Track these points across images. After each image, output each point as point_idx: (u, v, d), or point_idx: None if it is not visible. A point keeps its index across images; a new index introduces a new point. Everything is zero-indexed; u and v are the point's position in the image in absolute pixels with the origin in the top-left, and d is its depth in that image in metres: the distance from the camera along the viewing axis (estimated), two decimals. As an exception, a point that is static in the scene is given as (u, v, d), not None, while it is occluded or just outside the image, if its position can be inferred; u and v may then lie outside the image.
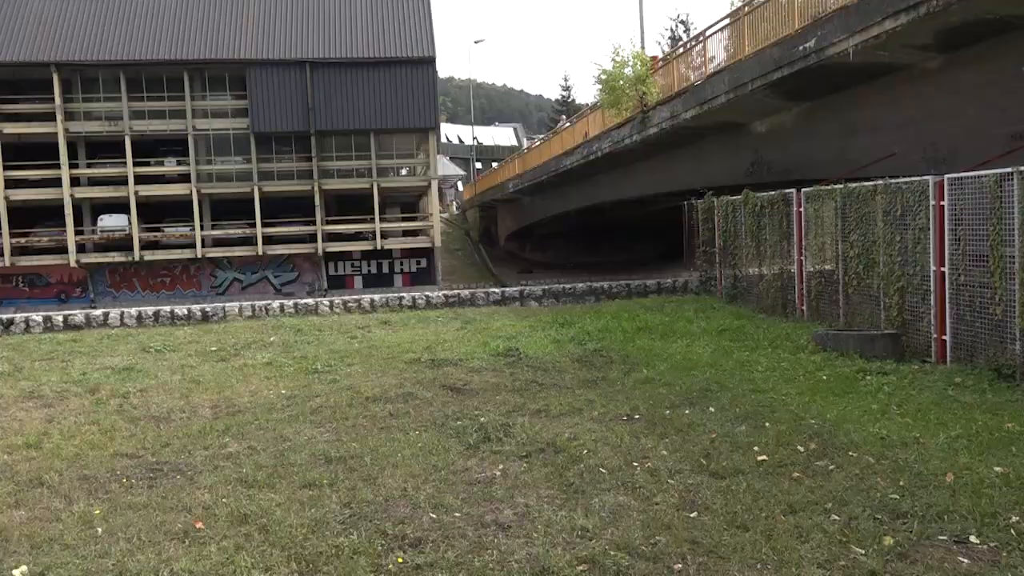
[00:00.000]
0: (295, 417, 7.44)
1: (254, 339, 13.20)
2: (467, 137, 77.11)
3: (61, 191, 35.22)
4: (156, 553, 4.29)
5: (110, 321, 16.58)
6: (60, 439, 6.94)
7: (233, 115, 36.62)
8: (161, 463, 6.07)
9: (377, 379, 9.18)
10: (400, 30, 38.00)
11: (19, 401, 8.81)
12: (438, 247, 38.93)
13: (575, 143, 27.48)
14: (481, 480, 5.40)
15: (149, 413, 7.90)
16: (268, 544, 4.37)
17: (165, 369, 10.58)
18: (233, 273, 37.85)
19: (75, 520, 4.86)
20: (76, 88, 35.89)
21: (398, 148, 39.25)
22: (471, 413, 7.24)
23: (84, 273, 36.54)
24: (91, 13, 36.51)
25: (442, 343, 11.84)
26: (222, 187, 36.74)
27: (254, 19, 37.13)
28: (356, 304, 17.62)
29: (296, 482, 5.44)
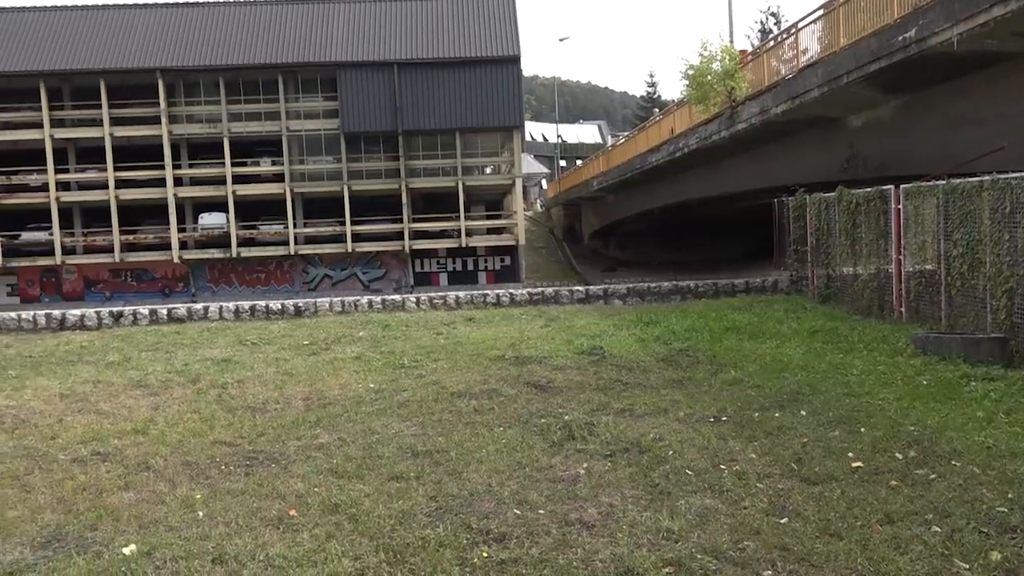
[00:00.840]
0: (383, 411, 7.61)
1: (344, 334, 13.56)
2: (551, 135, 77.08)
3: (165, 191, 37.02)
4: (252, 538, 4.46)
5: (210, 315, 17.32)
6: (164, 426, 7.30)
7: (324, 116, 37.70)
8: (257, 452, 6.30)
9: (462, 375, 9.29)
10: (485, 30, 38.31)
11: (128, 389, 9.32)
12: (522, 245, 39.09)
13: (661, 140, 27.10)
14: (565, 478, 5.40)
15: (246, 403, 8.22)
16: (357, 533, 4.49)
17: (260, 361, 10.99)
18: (324, 270, 38.97)
19: (178, 503, 5.10)
20: (179, 92, 37.63)
21: (483, 147, 39.60)
22: (555, 411, 7.25)
23: (186, 269, 38.30)
24: (193, 22, 38.20)
25: (526, 340, 11.88)
26: (314, 186, 37.89)
27: (344, 23, 38.09)
28: (441, 301, 17.88)
29: (384, 474, 5.57)
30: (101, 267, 38.12)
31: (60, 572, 4.05)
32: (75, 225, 37.98)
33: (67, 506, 5.11)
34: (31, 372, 10.87)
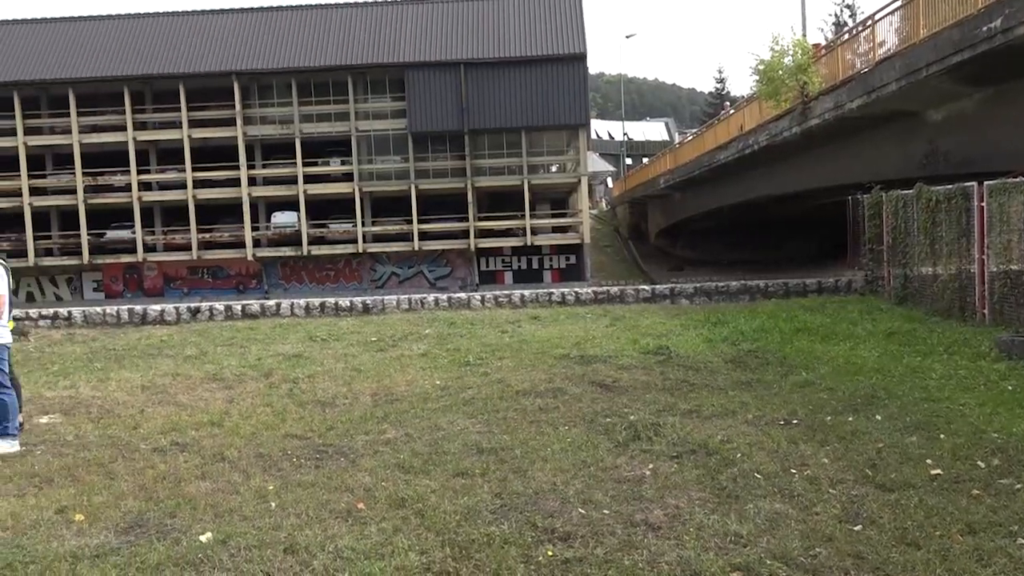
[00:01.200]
0: (449, 407, 7.68)
1: (410, 331, 13.76)
2: (617, 133, 76.52)
3: (240, 190, 38.19)
4: (322, 529, 4.56)
5: (281, 311, 17.79)
6: (239, 418, 7.52)
7: (392, 116, 38.29)
8: (326, 445, 6.44)
9: (527, 373, 9.31)
10: (551, 28, 38.28)
11: (204, 382, 9.65)
12: (587, 243, 38.96)
13: (730, 137, 26.63)
14: (630, 479, 5.35)
15: (316, 398, 8.41)
16: (424, 528, 4.54)
17: (330, 357, 11.23)
18: (391, 267, 39.58)
19: (252, 494, 5.25)
20: (253, 95, 38.76)
21: (549, 145, 39.60)
22: (620, 411, 7.20)
23: (259, 266, 39.42)
24: (267, 27, 39.28)
25: (591, 339, 11.84)
26: (382, 185, 38.52)
27: (412, 24, 38.58)
28: (507, 299, 17.97)
29: (450, 470, 5.62)
30: (180, 264, 39.57)
31: (142, 557, 4.21)
32: (156, 224, 39.52)
33: (148, 493, 5.31)
34: (115, 365, 11.36)
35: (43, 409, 8.26)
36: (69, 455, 6.38)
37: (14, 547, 4.39)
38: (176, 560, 4.16)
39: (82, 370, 10.92)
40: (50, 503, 5.17)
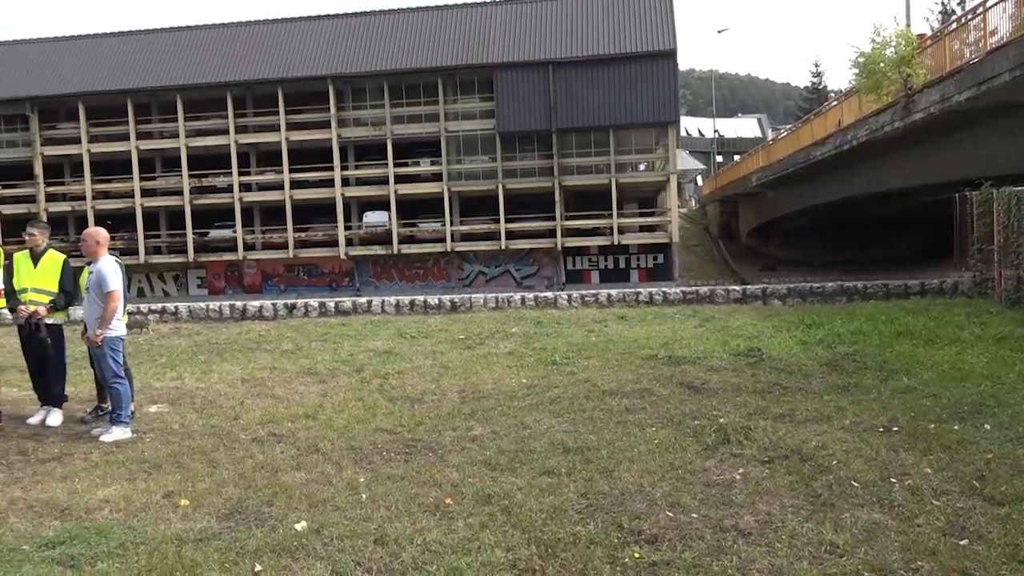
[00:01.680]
0: (535, 406, 7.70)
1: (497, 329, 13.85)
2: (708, 130, 75.01)
3: (334, 191, 39.34)
4: (411, 523, 4.65)
5: (372, 308, 18.21)
6: (332, 412, 7.75)
7: (481, 116, 38.65)
8: (415, 440, 6.56)
9: (614, 373, 9.24)
10: (640, 25, 37.85)
11: (299, 376, 9.98)
12: (676, 243, 38.37)
13: (826, 132, 25.72)
14: (720, 483, 5.25)
15: (405, 394, 8.58)
16: (510, 525, 4.57)
17: (419, 354, 11.43)
18: (478, 266, 39.98)
19: (344, 485, 5.40)
20: (347, 98, 39.84)
21: (637, 143, 39.18)
22: (709, 413, 7.06)
23: (351, 264, 40.50)
24: (360, 31, 40.31)
25: (679, 340, 11.65)
26: (470, 185, 38.95)
27: (501, 25, 38.84)
28: (593, 299, 17.87)
29: (536, 468, 5.64)
30: (277, 262, 41.07)
31: (241, 542, 4.40)
32: (255, 223, 41.13)
33: (247, 482, 5.54)
34: (217, 358, 11.88)
35: (152, 399, 8.72)
36: (175, 443, 6.72)
37: (126, 528, 4.66)
38: (273, 547, 4.33)
39: (187, 362, 11.47)
40: (158, 488, 5.46)
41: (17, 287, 7.58)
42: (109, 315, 7.08)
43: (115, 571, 4.05)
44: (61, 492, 5.42)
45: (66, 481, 5.70)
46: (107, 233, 7.57)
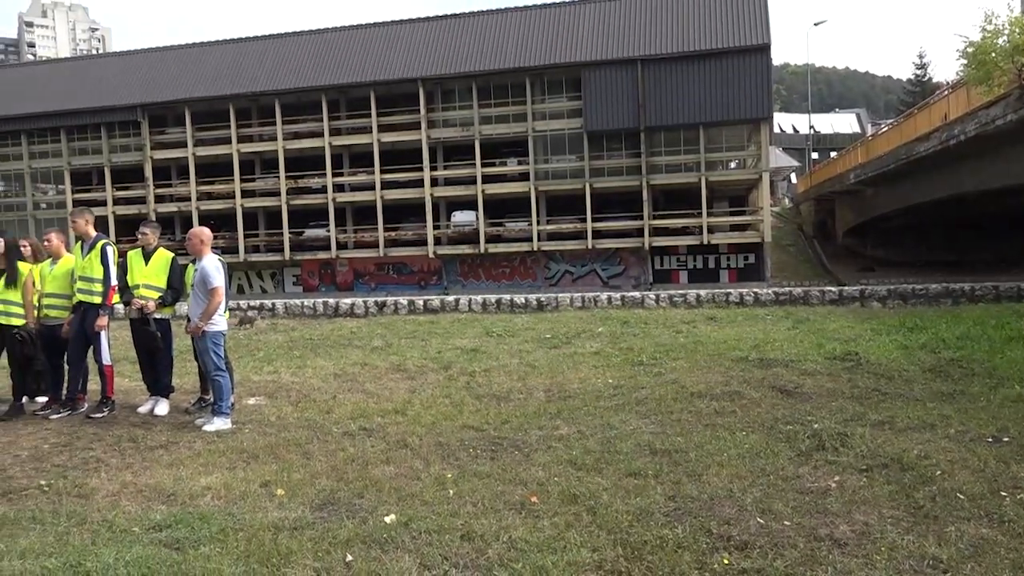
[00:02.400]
0: (621, 407, 7.64)
1: (583, 329, 13.81)
2: (802, 126, 72.67)
3: (423, 191, 40.03)
4: (497, 519, 4.69)
5: (460, 307, 18.46)
6: (420, 408, 7.89)
7: (568, 116, 38.57)
8: (501, 438, 6.61)
9: (702, 375, 9.08)
10: (732, 19, 36.99)
11: (389, 372, 10.21)
12: (768, 242, 37.34)
13: (931, 126, 24.51)
14: (814, 490, 5.07)
15: (491, 391, 8.66)
16: (595, 526, 4.55)
17: (505, 352, 11.51)
18: (564, 265, 39.92)
19: (431, 481, 5.49)
20: (437, 99, 40.45)
21: (728, 141, 38.33)
22: (803, 418, 6.84)
23: (439, 263, 41.11)
24: (450, 33, 40.85)
25: (771, 342, 11.34)
26: (556, 184, 38.93)
27: (589, 23, 38.65)
28: (681, 299, 17.59)
29: (622, 470, 5.59)
30: (368, 261, 42.10)
31: (334, 532, 4.53)
32: (347, 223, 42.27)
33: (339, 474, 5.70)
34: (311, 353, 12.27)
35: (251, 391, 9.09)
36: (272, 434, 6.98)
37: (226, 515, 4.87)
38: (363, 538, 4.44)
39: (283, 357, 11.89)
40: (256, 477, 5.68)
41: (130, 283, 8.04)
42: (211, 310, 7.41)
43: (216, 555, 4.24)
44: (167, 478, 5.72)
45: (172, 468, 6.01)
46: (210, 232, 7.92)
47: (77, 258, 8.13)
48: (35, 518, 4.91)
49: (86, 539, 4.54)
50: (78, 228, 8.13)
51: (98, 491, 5.48)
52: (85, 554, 4.26)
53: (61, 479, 5.77)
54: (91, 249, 8.01)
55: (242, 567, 4.08)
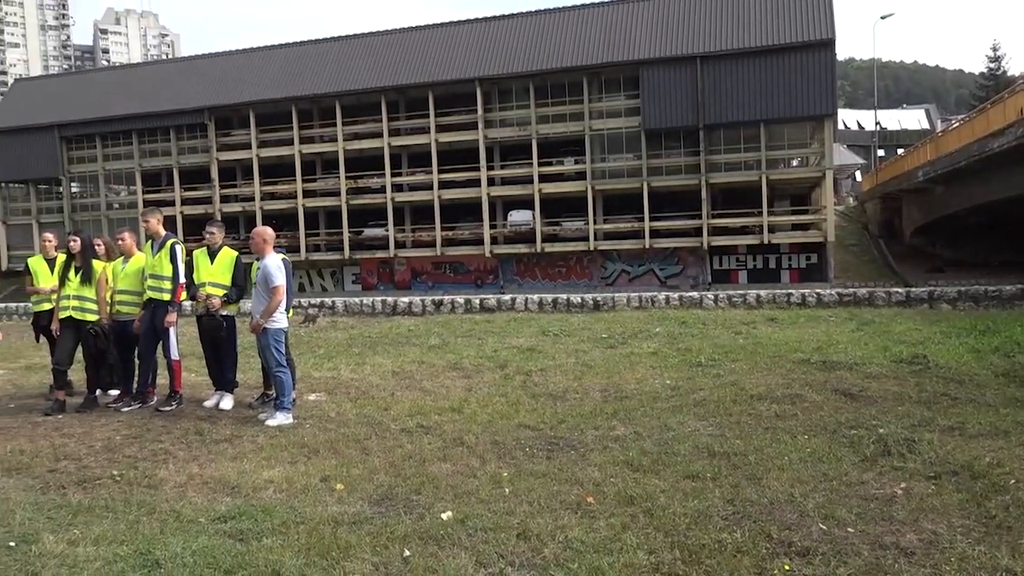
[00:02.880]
0: (679, 408, 7.56)
1: (640, 329, 13.69)
2: (868, 123, 70.73)
3: (480, 191, 40.24)
4: (553, 519, 4.68)
5: (516, 306, 18.48)
6: (476, 406, 7.94)
7: (626, 114, 38.31)
8: (557, 438, 6.60)
9: (762, 377, 8.91)
10: (795, 14, 36.21)
11: (446, 371, 10.29)
12: (831, 242, 36.46)
13: (1006, 122, 23.58)
14: (879, 497, 4.93)
15: (547, 391, 8.65)
16: (652, 528, 4.51)
17: (561, 352, 11.49)
18: (621, 265, 39.66)
19: (487, 479, 5.52)
20: (494, 99, 40.62)
21: (790, 138, 37.55)
22: (867, 422, 6.66)
23: (495, 262, 41.28)
24: (507, 33, 40.97)
25: (834, 344, 11.06)
26: (613, 183, 38.72)
27: (647, 21, 38.31)
28: (741, 299, 17.28)
29: (679, 472, 5.53)
30: (425, 260, 42.53)
31: (391, 527, 4.59)
32: (405, 222, 42.79)
33: (397, 470, 5.77)
34: (369, 351, 12.45)
35: (311, 387, 9.27)
36: (332, 430, 7.11)
37: (288, 508, 4.98)
38: (420, 534, 4.49)
39: (343, 354, 12.10)
40: (316, 471, 5.80)
41: (196, 281, 8.30)
42: (272, 307, 7.59)
43: (278, 547, 4.34)
44: (231, 471, 5.87)
45: (236, 461, 6.17)
46: (273, 232, 8.11)
47: (147, 256, 8.42)
48: (108, 507, 5.11)
49: (155, 528, 4.69)
50: (149, 227, 8.43)
51: (166, 482, 5.67)
52: (154, 543, 4.41)
53: (132, 470, 5.99)
54: (161, 248, 8.29)
55: (303, 559, 4.17)
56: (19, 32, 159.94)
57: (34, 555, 4.33)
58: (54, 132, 47.42)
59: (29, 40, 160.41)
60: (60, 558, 4.28)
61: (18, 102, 50.95)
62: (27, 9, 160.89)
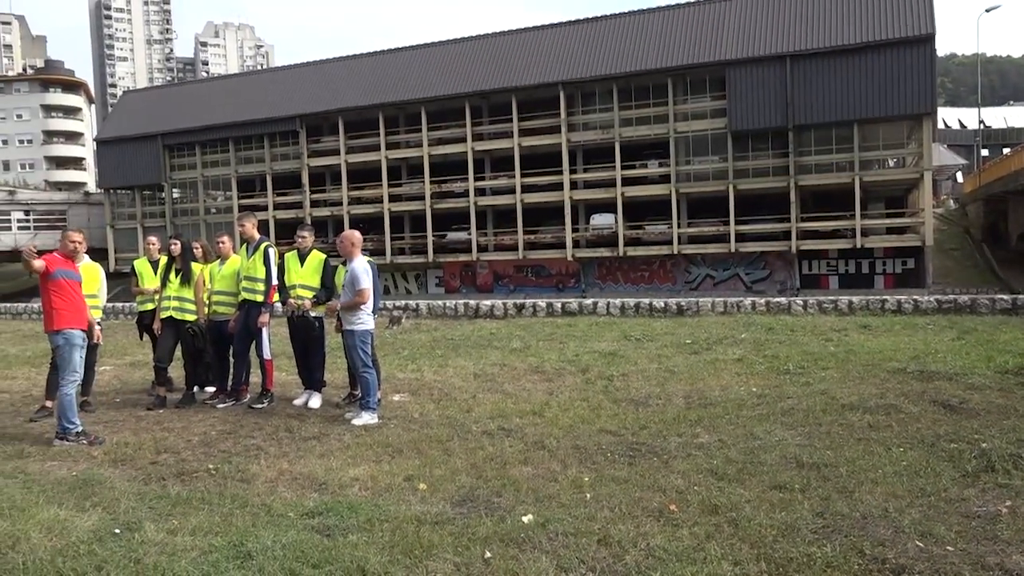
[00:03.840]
0: (765, 416, 7.36)
1: (725, 335, 13.40)
2: (970, 121, 67.34)
3: (562, 194, 40.23)
4: (635, 526, 4.63)
5: (598, 310, 18.38)
6: (558, 410, 7.93)
7: (712, 116, 37.63)
8: (639, 444, 6.53)
9: (854, 386, 8.58)
10: (891, 9, 34.81)
11: (527, 374, 10.32)
12: (929, 246, 34.83)
13: None
14: (981, 515, 4.68)
15: (629, 396, 8.57)
16: (737, 539, 4.41)
17: (643, 357, 11.36)
18: (706, 269, 38.94)
19: (568, 483, 5.50)
20: (577, 103, 40.56)
21: (885, 138, 36.09)
22: (969, 436, 6.33)
23: (577, 266, 41.17)
24: (589, 36, 40.87)
25: (933, 353, 10.56)
26: (698, 186, 38.05)
27: (735, 20, 37.53)
28: (832, 305, 16.70)
29: (766, 482, 5.38)
30: (507, 263, 42.78)
31: (473, 528, 4.64)
32: (488, 226, 43.16)
33: (478, 472, 5.82)
34: (452, 353, 12.60)
35: (395, 388, 9.45)
36: (415, 430, 7.23)
37: (372, 505, 5.09)
38: (502, 536, 4.51)
39: (426, 356, 12.29)
40: (400, 471, 5.91)
41: (288, 283, 8.59)
42: (354, 304, 7.77)
43: (363, 544, 4.44)
44: (319, 468, 6.05)
45: (323, 458, 6.35)
46: (360, 236, 8.32)
47: (242, 259, 8.77)
48: (204, 499, 5.34)
49: (247, 521, 4.88)
50: (244, 231, 8.77)
51: (258, 477, 5.88)
52: (246, 535, 4.58)
53: (226, 464, 6.24)
54: (255, 251, 8.62)
55: (387, 556, 4.25)
56: (127, 47, 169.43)
57: (137, 542, 4.56)
58: (158, 141, 49.97)
59: (136, 54, 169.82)
60: (160, 546, 4.49)
61: (125, 113, 53.92)
62: (135, 25, 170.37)
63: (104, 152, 53.42)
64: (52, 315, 7.16)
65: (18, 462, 6.54)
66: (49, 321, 7.20)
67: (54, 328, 7.16)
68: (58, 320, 7.14)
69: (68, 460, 6.57)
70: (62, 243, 7.46)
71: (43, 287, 7.21)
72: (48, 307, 7.19)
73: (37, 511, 5.09)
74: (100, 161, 55.77)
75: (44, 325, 7.34)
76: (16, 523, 4.87)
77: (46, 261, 7.13)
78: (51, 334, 7.21)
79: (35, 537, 4.64)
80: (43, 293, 7.22)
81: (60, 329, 7.14)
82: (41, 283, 7.25)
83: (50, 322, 7.19)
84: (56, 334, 7.16)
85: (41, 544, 4.55)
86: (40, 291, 7.32)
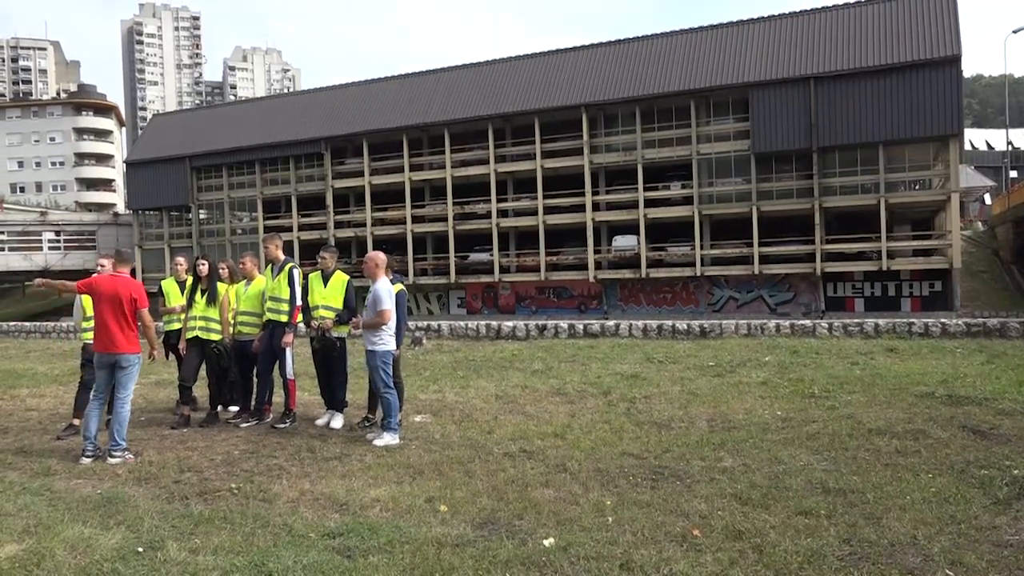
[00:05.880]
0: (790, 440, 7.27)
1: (749, 357, 13.28)
2: (998, 142, 66.62)
3: (584, 216, 40.25)
4: (657, 551, 4.58)
5: (620, 332, 18.29)
6: (579, 432, 7.89)
7: (735, 138, 37.55)
8: (662, 467, 6.47)
9: (881, 411, 8.46)
10: (917, 30, 34.64)
11: (549, 396, 10.28)
12: (957, 268, 34.36)
13: None
14: (1014, 544, 4.58)
15: (652, 419, 8.50)
16: (762, 565, 4.34)
17: (666, 379, 11.28)
18: (729, 291, 38.68)
19: (590, 506, 5.46)
20: (599, 125, 40.67)
21: (911, 160, 35.77)
22: (1000, 462, 6.21)
23: (599, 287, 41.06)
24: (613, 59, 41.06)
25: (962, 377, 10.39)
26: (721, 208, 37.90)
27: (758, 42, 37.54)
28: (858, 328, 16.50)
29: (791, 507, 5.31)
30: (529, 284, 42.78)
31: (494, 552, 4.61)
32: (510, 247, 43.24)
33: (499, 494, 5.79)
34: (473, 374, 12.60)
35: (417, 409, 9.46)
36: (436, 451, 7.22)
37: (393, 527, 5.08)
38: (522, 559, 4.48)
39: (447, 377, 12.29)
40: (421, 492, 5.90)
41: (310, 304, 8.65)
42: (375, 323, 7.80)
43: (384, 565, 4.43)
44: (340, 489, 6.05)
45: (345, 479, 6.35)
46: (385, 257, 8.36)
47: (267, 279, 8.85)
48: (226, 518, 5.36)
49: (268, 541, 4.88)
50: (269, 252, 8.87)
51: (280, 496, 5.90)
52: (267, 555, 4.58)
53: (248, 483, 6.27)
54: (280, 271, 8.70)
55: (407, 579, 4.23)
56: (158, 71, 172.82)
57: (159, 561, 4.58)
58: (185, 163, 50.79)
59: (167, 78, 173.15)
60: (182, 565, 4.51)
61: (155, 136, 54.91)
62: (165, 50, 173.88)
63: (133, 174, 54.37)
64: (131, 337, 7.48)
65: (45, 479, 6.62)
66: (125, 342, 7.42)
67: (135, 350, 7.50)
68: (136, 343, 7.54)
69: (93, 478, 6.64)
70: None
71: (125, 311, 7.44)
72: (128, 330, 7.46)
73: (62, 528, 5.14)
74: (129, 182, 56.73)
75: (113, 346, 7.39)
76: (42, 540, 4.92)
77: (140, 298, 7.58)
78: (127, 355, 7.44)
79: (60, 554, 4.68)
80: (119, 315, 7.41)
81: (138, 352, 7.55)
82: (119, 306, 7.42)
83: (127, 344, 7.44)
84: (134, 355, 7.50)
85: (66, 562, 4.59)
86: (110, 312, 7.42)
